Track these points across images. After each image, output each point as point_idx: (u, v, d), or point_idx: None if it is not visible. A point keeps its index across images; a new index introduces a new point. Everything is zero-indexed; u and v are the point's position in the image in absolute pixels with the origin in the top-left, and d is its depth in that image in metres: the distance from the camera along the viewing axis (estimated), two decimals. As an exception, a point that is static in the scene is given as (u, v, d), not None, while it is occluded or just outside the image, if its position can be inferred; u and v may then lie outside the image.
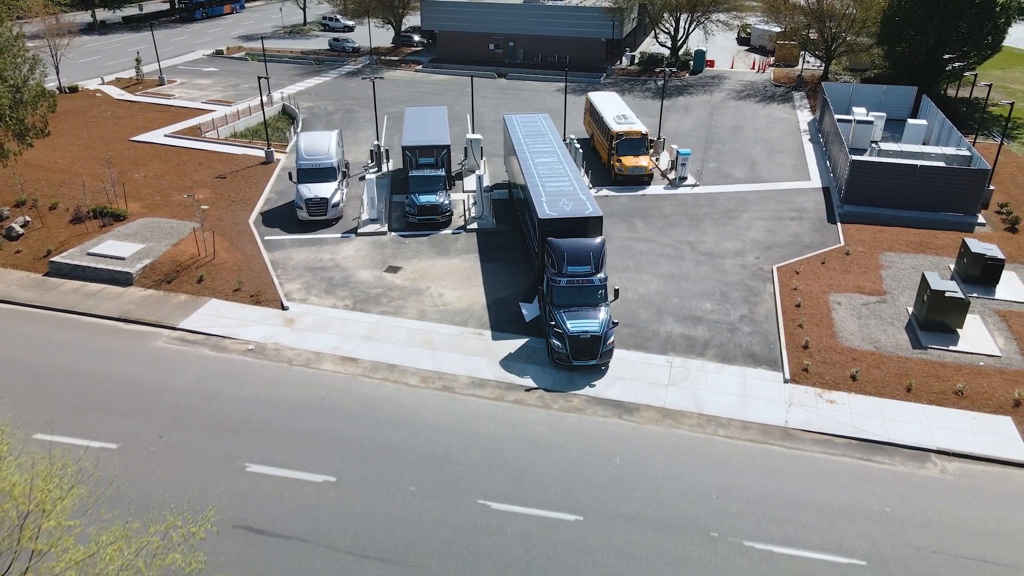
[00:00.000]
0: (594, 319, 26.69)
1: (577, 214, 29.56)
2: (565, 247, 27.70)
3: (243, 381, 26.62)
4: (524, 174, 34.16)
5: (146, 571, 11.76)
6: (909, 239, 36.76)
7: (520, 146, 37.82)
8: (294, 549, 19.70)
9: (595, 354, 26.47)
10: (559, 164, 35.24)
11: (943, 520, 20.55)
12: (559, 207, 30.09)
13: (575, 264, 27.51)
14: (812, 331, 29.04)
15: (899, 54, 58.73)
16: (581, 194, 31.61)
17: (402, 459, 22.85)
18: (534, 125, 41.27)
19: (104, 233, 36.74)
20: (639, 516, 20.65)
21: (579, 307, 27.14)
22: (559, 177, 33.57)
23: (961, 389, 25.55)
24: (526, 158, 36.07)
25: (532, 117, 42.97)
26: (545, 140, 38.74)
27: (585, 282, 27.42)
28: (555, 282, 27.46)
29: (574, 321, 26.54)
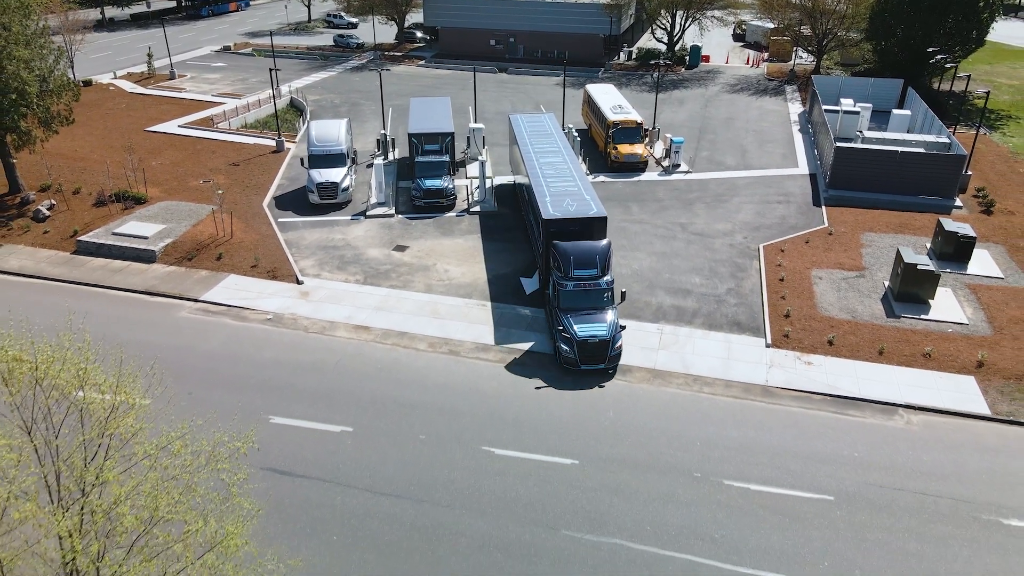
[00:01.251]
0: (602, 323, 26.65)
1: (581, 214, 29.56)
2: (571, 250, 27.63)
3: (263, 346, 28.67)
4: (528, 173, 34.14)
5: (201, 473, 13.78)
6: (889, 220, 38.78)
7: (525, 145, 37.86)
8: (316, 487, 21.75)
9: (603, 358, 26.37)
10: (564, 164, 35.18)
11: (905, 463, 22.58)
12: (563, 207, 30.13)
13: (581, 267, 27.46)
14: (794, 302, 31.08)
15: (887, 49, 60.73)
16: (585, 194, 31.58)
17: (412, 413, 24.90)
18: (539, 125, 41.21)
19: (127, 215, 38.78)
20: (629, 460, 22.70)
21: (586, 310, 27.06)
22: (564, 177, 33.57)
23: (929, 352, 27.59)
24: (531, 157, 36.04)
25: (537, 116, 43.07)
26: (550, 140, 38.72)
27: (592, 285, 27.33)
28: (561, 286, 27.34)
29: (582, 325, 26.47)
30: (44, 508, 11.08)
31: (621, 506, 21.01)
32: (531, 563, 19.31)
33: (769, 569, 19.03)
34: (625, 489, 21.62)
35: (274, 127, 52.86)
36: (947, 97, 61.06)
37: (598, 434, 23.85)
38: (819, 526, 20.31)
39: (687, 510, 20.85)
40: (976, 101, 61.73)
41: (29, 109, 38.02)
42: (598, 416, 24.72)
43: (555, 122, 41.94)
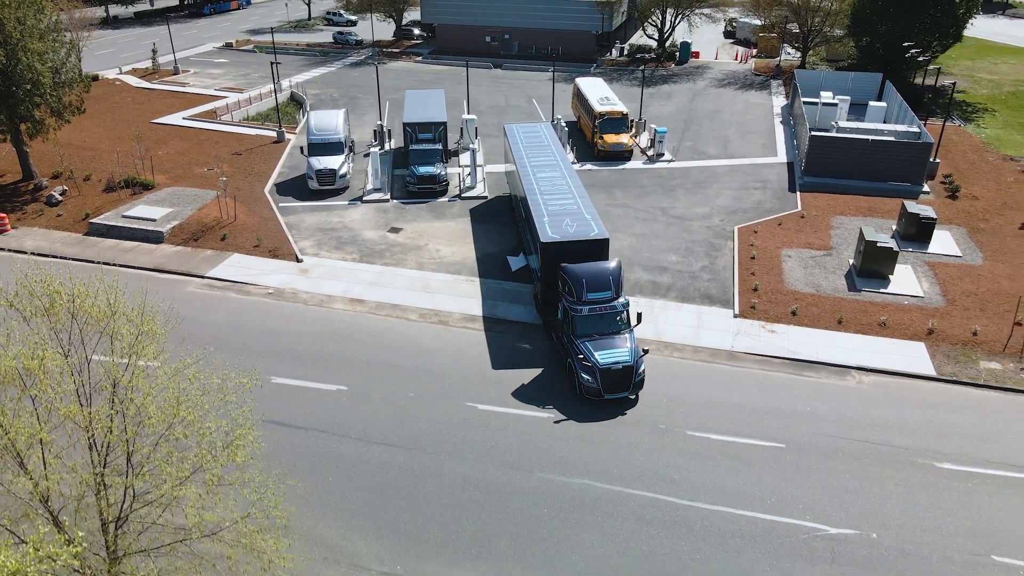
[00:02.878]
0: (623, 348, 25.28)
1: (582, 236, 28.20)
2: (582, 273, 26.24)
3: (266, 317, 30.78)
4: (525, 189, 32.82)
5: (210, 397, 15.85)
6: (859, 205, 40.83)
7: (520, 158, 36.40)
8: (314, 437, 23.86)
9: (627, 385, 24.96)
10: (562, 179, 33.72)
11: (853, 417, 24.65)
12: (562, 229, 28.74)
13: (595, 290, 26.04)
14: (763, 278, 33.15)
15: (868, 45, 62.73)
16: (586, 213, 30.11)
17: (403, 374, 27.00)
18: (535, 135, 39.71)
19: (135, 200, 40.88)
20: (601, 413, 24.79)
21: (603, 336, 25.66)
22: (562, 194, 32.09)
23: (885, 321, 29.66)
24: (527, 172, 34.60)
25: (533, 126, 41.61)
26: (547, 152, 37.11)
27: (607, 309, 25.90)
28: (576, 311, 25.78)
29: (603, 352, 24.98)
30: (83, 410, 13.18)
31: (590, 452, 23.10)
32: (507, 500, 21.39)
33: (722, 504, 21.11)
34: (595, 438, 23.71)
35: (275, 119, 54.92)
36: (926, 91, 63.16)
37: (573, 392, 25.92)
38: (769, 469, 22.39)
39: (651, 456, 22.94)
40: (956, 95, 63.78)
41: (42, 99, 40.10)
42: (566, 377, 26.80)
43: (551, 131, 40.58)
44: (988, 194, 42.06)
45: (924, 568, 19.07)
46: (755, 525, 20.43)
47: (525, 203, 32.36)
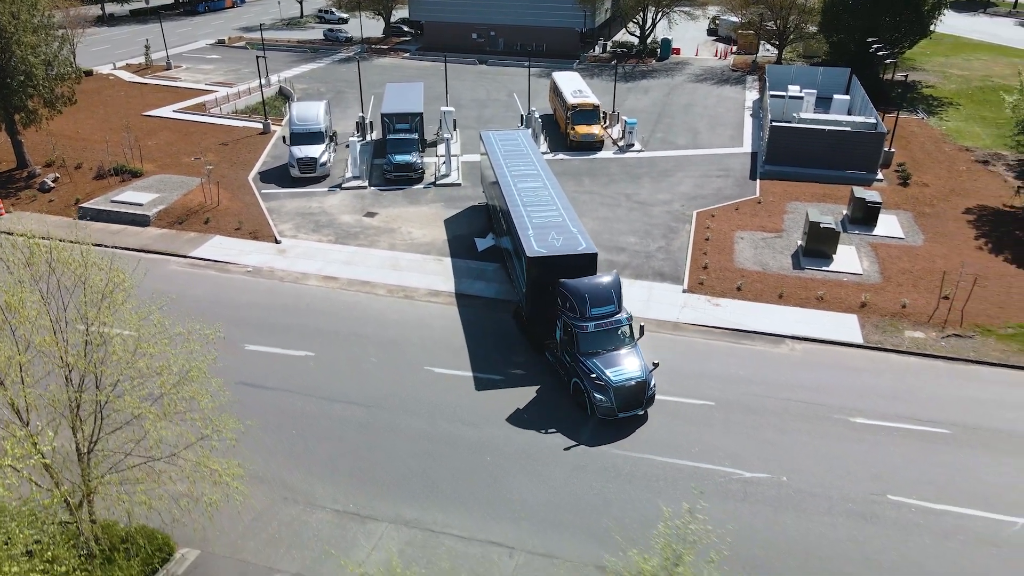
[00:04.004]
0: (633, 363, 24.69)
1: (569, 251, 27.28)
2: (584, 288, 25.39)
3: (243, 292, 32.77)
4: (507, 201, 31.50)
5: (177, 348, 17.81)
6: (815, 191, 42.79)
7: (500, 167, 35.03)
8: (282, 396, 25.84)
9: (641, 402, 24.39)
10: (544, 189, 32.73)
11: (781, 379, 26.63)
12: (548, 243, 27.75)
13: (598, 305, 25.25)
14: (714, 257, 35.12)
15: (839, 40, 64.69)
16: (572, 226, 29.12)
17: (368, 342, 28.98)
18: (514, 143, 38.45)
19: (124, 186, 42.87)
20: (550, 379, 26.75)
21: (609, 352, 25.01)
22: (545, 205, 31.04)
23: (822, 295, 31.64)
24: (508, 182, 33.29)
25: (511, 134, 40.44)
26: (527, 161, 36.00)
27: (612, 324, 25.26)
28: (580, 328, 24.94)
29: (614, 369, 24.29)
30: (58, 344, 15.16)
31: (538, 409, 25.11)
32: (454, 450, 23.38)
33: (650, 453, 23.09)
34: (543, 398, 25.70)
35: (263, 112, 56.86)
36: (896, 86, 65.19)
37: (527, 358, 27.88)
38: (697, 423, 24.37)
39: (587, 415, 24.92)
40: (924, 90, 65.84)
41: (35, 90, 42.07)
42: (525, 345, 28.77)
43: (529, 139, 39.44)
44: (938, 182, 44.03)
45: (825, 505, 21.06)
46: (678, 470, 22.42)
47: (507, 215, 30.96)
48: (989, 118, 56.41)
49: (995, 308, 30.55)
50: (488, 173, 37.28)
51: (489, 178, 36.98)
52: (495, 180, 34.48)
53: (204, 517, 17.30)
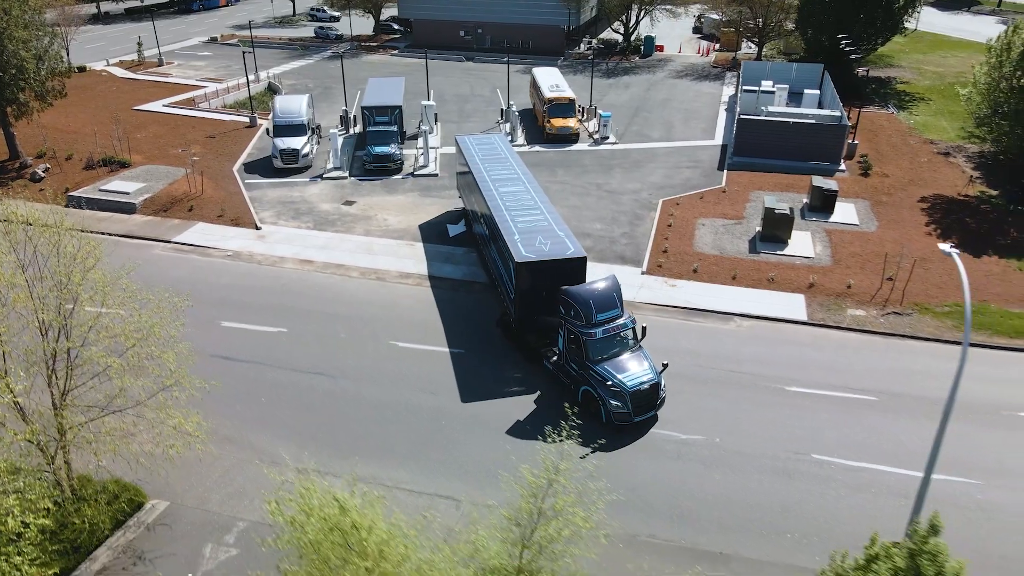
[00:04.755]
0: (644, 365, 24.73)
1: (558, 255, 26.97)
2: (589, 294, 25.12)
3: (222, 274, 34.35)
4: (489, 206, 31.02)
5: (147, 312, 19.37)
6: (779, 181, 44.35)
7: (479, 172, 34.50)
8: (255, 368, 27.41)
9: (654, 404, 24.56)
10: (527, 193, 32.39)
11: (726, 353, 28.19)
12: (536, 247, 27.38)
13: (603, 311, 25.01)
14: (675, 242, 36.69)
15: (814, 37, 66.23)
16: (558, 230, 28.84)
17: (338, 319, 30.55)
18: (491, 147, 37.88)
19: (112, 176, 44.44)
20: (500, 351, 28.34)
21: (618, 356, 24.88)
22: (529, 210, 30.73)
23: (773, 277, 33.23)
24: (488, 187, 32.81)
25: (487, 138, 39.93)
26: (506, 165, 35.63)
27: (618, 328, 25.20)
28: (588, 335, 24.64)
29: (626, 374, 24.19)
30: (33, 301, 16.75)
31: (491, 375, 26.70)
32: (412, 416, 24.96)
33: (593, 420, 24.65)
34: (498, 369, 27.26)
35: (250, 106, 58.38)
36: (870, 81, 66.82)
37: (485, 333, 29.48)
38: (642, 392, 25.93)
39: (544, 384, 26.47)
40: (898, 86, 67.46)
41: (27, 83, 43.61)
42: (485, 321, 30.35)
43: (506, 142, 39.16)
44: (899, 172, 45.58)
45: (753, 464, 22.64)
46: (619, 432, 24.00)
47: (490, 220, 30.60)
48: (957, 112, 57.86)
49: (935, 288, 32.13)
50: (466, 177, 36.54)
51: (467, 182, 36.42)
52: (475, 185, 33.82)
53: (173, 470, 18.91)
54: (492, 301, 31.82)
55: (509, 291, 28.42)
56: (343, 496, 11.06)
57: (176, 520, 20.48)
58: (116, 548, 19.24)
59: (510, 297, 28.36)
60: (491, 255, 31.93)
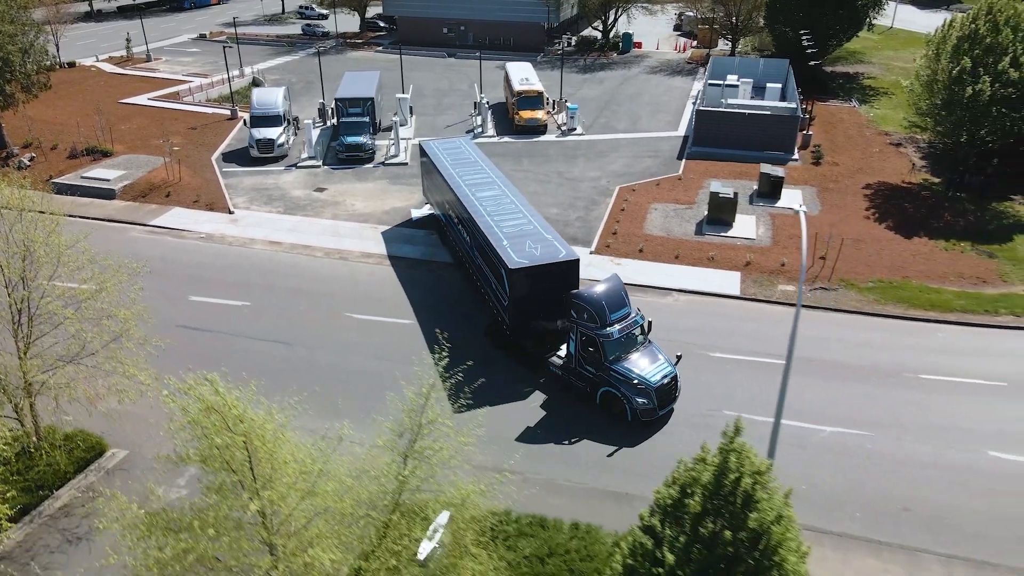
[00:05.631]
0: (660, 359, 25.07)
1: (550, 259, 26.72)
2: (600, 296, 25.01)
3: (194, 254, 36.32)
4: (471, 212, 30.52)
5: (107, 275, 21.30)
6: (733, 169, 46.27)
7: (453, 179, 33.73)
8: (219, 337, 29.36)
9: (675, 396, 25.00)
10: (505, 197, 32.00)
11: (664, 324, 29.74)
12: (527, 252, 27.03)
13: (616, 310, 25.02)
14: (626, 225, 38.63)
15: (782, 33, 68.18)
16: (546, 234, 28.65)
17: (300, 294, 32.49)
18: (458, 151, 37.38)
19: (94, 164, 46.38)
20: (453, 318, 30.30)
21: (634, 354, 25.07)
22: (511, 214, 30.37)
23: (714, 256, 35.17)
24: (465, 193, 32.15)
25: (453, 142, 39.07)
26: (477, 169, 35.16)
27: (632, 325, 25.37)
28: (605, 336, 24.57)
29: (648, 370, 24.43)
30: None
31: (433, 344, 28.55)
32: (358, 379, 26.89)
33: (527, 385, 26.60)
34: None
35: (234, 100, 60.31)
36: (837, 76, 68.94)
37: (434, 307, 31.45)
38: (576, 357, 27.86)
39: (484, 348, 28.42)
40: (865, 81, 69.47)
41: (13, 76, 45.56)
42: (438, 298, 32.30)
43: (472, 145, 38.70)
44: (850, 162, 47.52)
45: (676, 419, 24.68)
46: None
47: (472, 227, 30.03)
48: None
49: (863, 266, 34.08)
50: (436, 184, 35.91)
51: (438, 188, 35.72)
52: (449, 191, 33.10)
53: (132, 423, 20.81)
54: (450, 277, 33.80)
55: (501, 298, 27.79)
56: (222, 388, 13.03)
57: (133, 466, 22.39)
58: (77, 488, 21.17)
59: (502, 304, 27.75)
60: (474, 263, 31.01)
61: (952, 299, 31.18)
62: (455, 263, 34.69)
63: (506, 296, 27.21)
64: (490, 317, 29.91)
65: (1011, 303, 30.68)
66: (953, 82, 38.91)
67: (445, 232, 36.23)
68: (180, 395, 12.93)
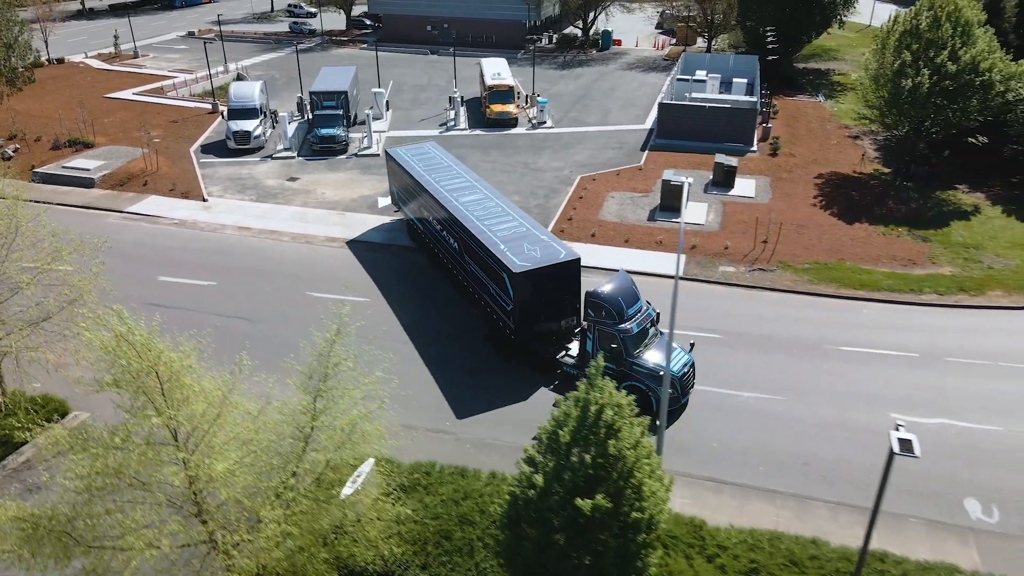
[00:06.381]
0: (676, 349, 25.08)
1: (553, 260, 26.57)
2: (616, 292, 25.39)
3: (167, 239, 37.97)
4: (460, 217, 29.99)
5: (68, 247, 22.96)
6: (692, 160, 47.94)
7: (431, 185, 33.02)
8: (186, 314, 30.96)
9: (693, 382, 25.62)
10: (490, 200, 31.67)
11: (603, 301, 31.77)
12: (527, 255, 26.71)
13: (631, 304, 25.42)
14: (582, 212, 40.29)
15: (752, 30, 69.87)
16: (541, 235, 28.64)
17: (265, 276, 34.15)
18: (428, 156, 36.74)
19: (76, 155, 48.04)
20: (418, 298, 31.98)
21: (650, 346, 25.51)
22: (501, 217, 30.08)
23: (661, 240, 36.84)
24: (448, 199, 31.54)
25: (421, 148, 38.21)
26: (453, 173, 34.71)
27: (647, 316, 25.86)
28: (626, 332, 24.87)
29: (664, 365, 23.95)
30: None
31: (386, 320, 30.28)
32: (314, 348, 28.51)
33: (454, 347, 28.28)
34: (395, 314, 30.89)
35: (218, 95, 61.96)
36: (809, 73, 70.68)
37: (390, 284, 33.16)
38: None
39: (421, 311, 30.10)
40: (835, 77, 71.20)
41: (-3, 70, 47.35)
42: (394, 272, 33.97)
43: (441, 148, 38.20)
44: (807, 153, 49.22)
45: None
46: (491, 364, 27.64)
47: (462, 233, 29.54)
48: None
49: (803, 249, 35.75)
50: (411, 191, 35.16)
51: (414, 197, 34.96)
52: (430, 198, 32.49)
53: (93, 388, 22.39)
54: (408, 260, 35.46)
55: (503, 303, 27.35)
56: (129, 320, 14.72)
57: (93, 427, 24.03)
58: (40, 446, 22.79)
59: (505, 309, 27.29)
60: (465, 269, 30.42)
61: (881, 279, 32.86)
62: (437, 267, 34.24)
63: (509, 300, 26.70)
64: (489, 323, 29.21)
65: (935, 283, 32.36)
66: (895, 75, 40.59)
67: (423, 238, 35.49)
68: (96, 328, 14.50)
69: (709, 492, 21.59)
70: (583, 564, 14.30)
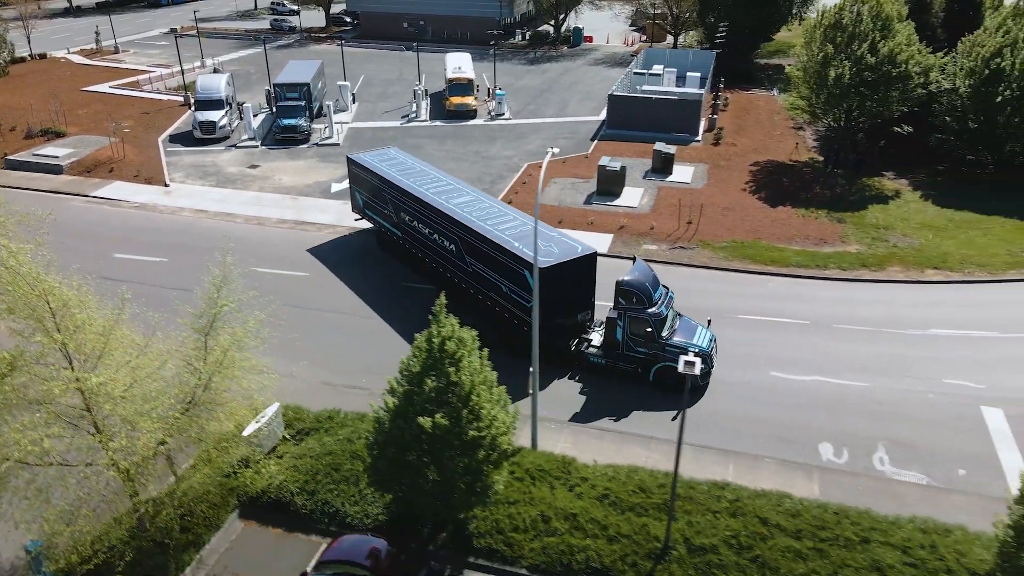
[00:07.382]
0: (696, 327, 26.68)
1: (573, 255, 27.04)
2: (641, 278, 26.18)
3: (126, 220, 40.13)
4: (460, 221, 29.59)
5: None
6: (637, 149, 50.06)
7: (414, 190, 32.50)
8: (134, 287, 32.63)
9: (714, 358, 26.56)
10: (480, 201, 31.59)
11: (528, 276, 33.90)
12: (544, 251, 26.52)
13: (656, 289, 26.31)
14: (522, 196, 42.43)
15: (712, 27, 71.99)
16: (550, 231, 28.96)
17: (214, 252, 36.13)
18: (399, 162, 36.14)
19: (47, 143, 50.17)
20: (355, 275, 34.13)
21: (676, 327, 26.53)
22: (500, 216, 30.10)
23: (593, 221, 39.01)
24: (441, 204, 31.03)
25: (385, 152, 37.87)
26: (430, 176, 34.35)
27: (670, 298, 26.86)
28: (656, 316, 25.66)
29: (695, 340, 25.95)
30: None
31: (324, 294, 32.40)
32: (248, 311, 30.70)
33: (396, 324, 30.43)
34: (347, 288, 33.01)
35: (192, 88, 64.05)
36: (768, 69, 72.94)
37: (332, 260, 35.27)
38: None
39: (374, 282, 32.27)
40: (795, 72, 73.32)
41: (-27, 63, 49.47)
42: (349, 252, 36.10)
43: (406, 153, 38.11)
44: (749, 143, 51.37)
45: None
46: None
47: (468, 235, 29.13)
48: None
49: (724, 230, 37.90)
50: (386, 198, 34.32)
51: (391, 203, 34.09)
52: (415, 201, 32.00)
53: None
54: (354, 242, 37.59)
55: (521, 301, 27.09)
56: (15, 250, 16.85)
57: None
58: None
59: (524, 308, 26.86)
60: (464, 272, 30.04)
61: (791, 256, 35.01)
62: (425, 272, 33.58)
63: (529, 298, 26.10)
64: (501, 326, 28.50)
65: (840, 259, 34.51)
66: (820, 66, 42.75)
67: (400, 244, 34.64)
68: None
69: (592, 439, 23.74)
70: (434, 479, 16.44)
